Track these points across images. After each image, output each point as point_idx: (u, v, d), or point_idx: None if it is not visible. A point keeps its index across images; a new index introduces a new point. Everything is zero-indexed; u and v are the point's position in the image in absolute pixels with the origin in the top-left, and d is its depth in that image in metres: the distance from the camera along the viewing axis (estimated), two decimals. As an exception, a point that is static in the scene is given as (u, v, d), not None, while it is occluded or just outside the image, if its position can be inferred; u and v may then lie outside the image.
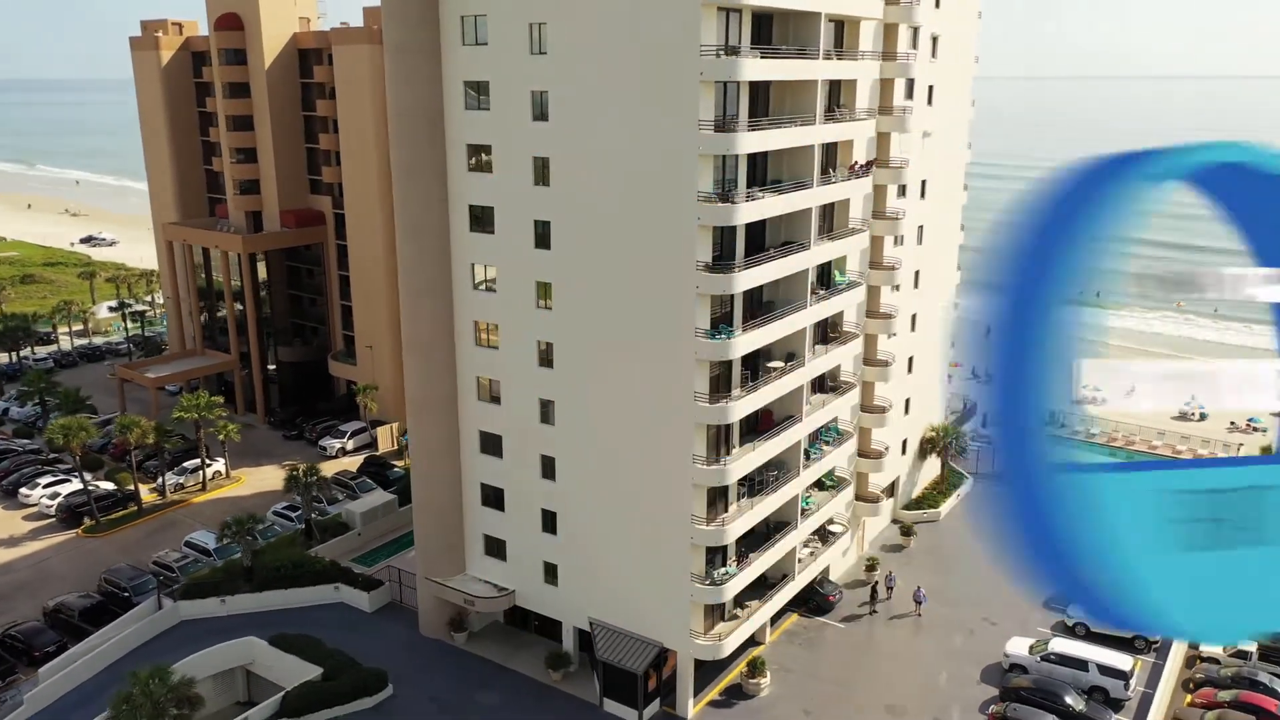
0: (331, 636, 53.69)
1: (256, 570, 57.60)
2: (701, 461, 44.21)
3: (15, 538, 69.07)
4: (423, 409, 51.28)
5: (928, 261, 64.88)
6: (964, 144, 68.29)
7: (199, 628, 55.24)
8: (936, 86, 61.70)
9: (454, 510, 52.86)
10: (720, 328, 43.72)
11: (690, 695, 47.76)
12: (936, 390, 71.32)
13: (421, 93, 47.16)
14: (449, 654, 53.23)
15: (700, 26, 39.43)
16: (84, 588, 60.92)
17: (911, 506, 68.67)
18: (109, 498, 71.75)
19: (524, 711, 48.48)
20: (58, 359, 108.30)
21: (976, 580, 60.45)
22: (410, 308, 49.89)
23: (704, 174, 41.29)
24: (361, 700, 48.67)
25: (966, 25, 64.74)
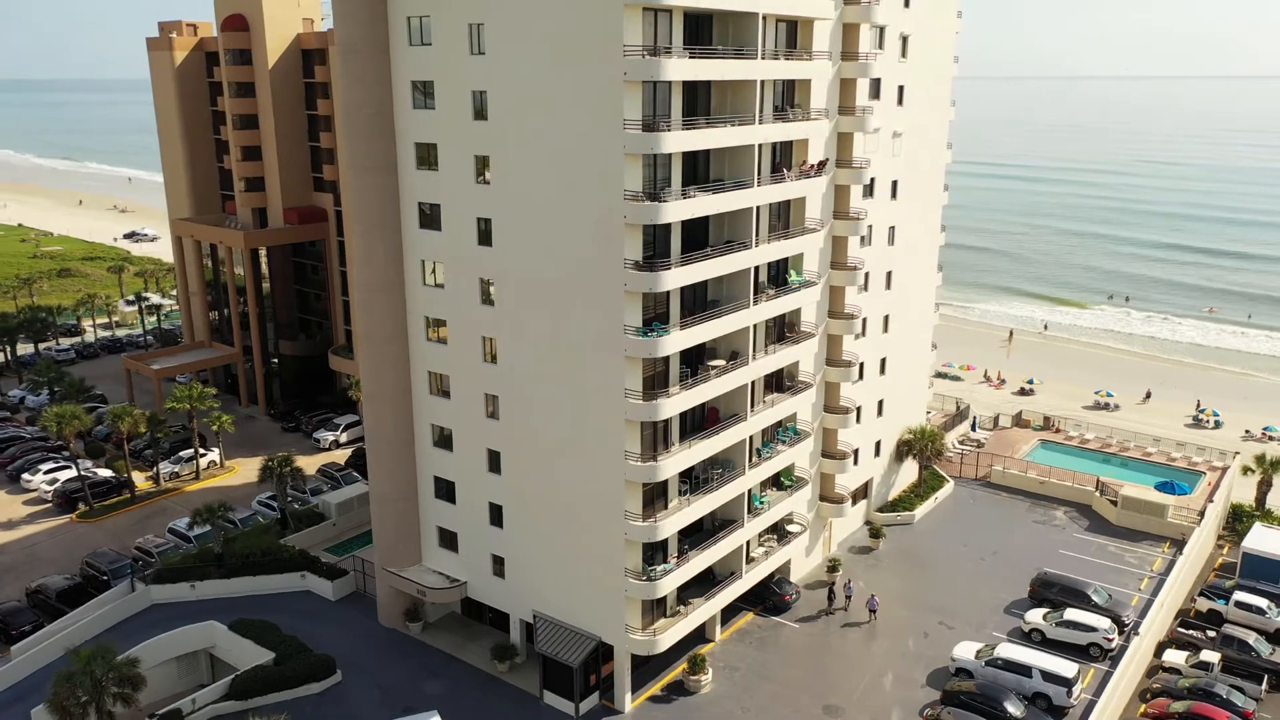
0: (292, 623, 55.01)
1: (227, 557, 59.15)
2: (635, 458, 44.56)
3: (12, 521, 71.62)
4: (378, 401, 52.32)
5: (901, 263, 64.46)
6: (943, 144, 67.67)
7: (169, 611, 56.86)
8: (907, 86, 61.28)
9: (409, 502, 53.85)
10: (654, 325, 44.04)
11: (628, 689, 48.15)
12: (916, 393, 70.74)
13: (372, 91, 48.16)
14: (403, 643, 54.21)
15: (623, 27, 39.78)
16: (69, 570, 63.08)
17: (886, 509, 68.26)
18: (104, 484, 74.08)
19: (468, 701, 49.22)
20: (80, 350, 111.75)
21: (940, 584, 60.17)
22: (364, 302, 50.93)
23: (631, 172, 41.63)
24: (309, 685, 49.83)
25: (942, 25, 64.17)
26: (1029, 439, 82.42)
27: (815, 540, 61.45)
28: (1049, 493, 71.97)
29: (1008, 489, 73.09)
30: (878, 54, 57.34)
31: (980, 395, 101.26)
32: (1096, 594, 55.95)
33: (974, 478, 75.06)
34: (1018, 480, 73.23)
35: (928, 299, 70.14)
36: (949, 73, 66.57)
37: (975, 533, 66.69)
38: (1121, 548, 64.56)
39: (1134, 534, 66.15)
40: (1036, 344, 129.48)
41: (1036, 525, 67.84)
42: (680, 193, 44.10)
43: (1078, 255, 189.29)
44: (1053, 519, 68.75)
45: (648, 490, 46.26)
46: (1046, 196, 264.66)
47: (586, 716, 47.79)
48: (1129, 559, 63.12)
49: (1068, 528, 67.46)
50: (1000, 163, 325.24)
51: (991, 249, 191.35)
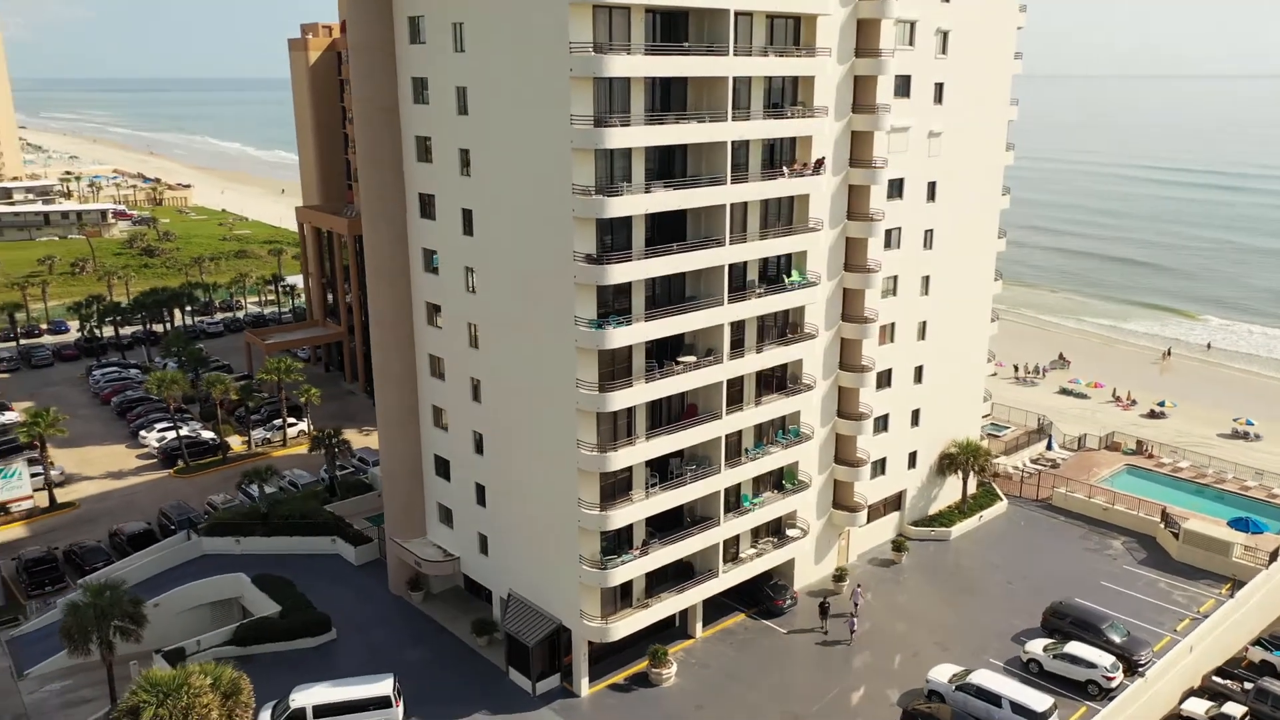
0: (313, 582, 59.20)
1: (271, 517, 64.19)
2: (589, 448, 45.46)
3: (122, 472, 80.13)
4: (387, 381, 55.49)
5: (941, 268, 61.88)
6: (999, 144, 64.31)
7: (215, 561, 62.37)
8: (948, 84, 58.81)
9: (415, 477, 56.80)
10: (611, 318, 44.77)
11: (584, 674, 49.10)
12: (965, 405, 67.56)
13: (380, 87, 51.20)
14: (403, 611, 57.24)
15: (569, 25, 40.71)
16: (149, 518, 70.12)
17: (923, 523, 65.75)
18: (202, 444, 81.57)
19: (441, 670, 51.57)
20: (228, 325, 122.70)
21: (952, 604, 57.69)
22: (374, 287, 54.15)
23: (582, 167, 42.50)
24: (305, 640, 53.60)
25: (996, 20, 61.02)
26: (1114, 462, 76.99)
27: (828, 548, 60.12)
28: (1113, 520, 67.14)
29: (1068, 513, 68.71)
30: (906, 50, 55.44)
31: (1103, 415, 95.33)
32: (1113, 629, 52.13)
33: (1035, 498, 70.98)
34: (1081, 505, 68.70)
35: (981, 307, 66.84)
36: (1007, 70, 63.17)
37: (1013, 555, 63.25)
38: (1172, 584, 59.59)
39: (1193, 571, 60.86)
40: (1195, 366, 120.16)
41: (1087, 553, 63.55)
42: (643, 187, 44.62)
43: (1256, 273, 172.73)
44: (1107, 548, 64.18)
45: (610, 480, 47.03)
46: (1219, 206, 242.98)
47: (544, 696, 49.07)
48: (1177, 597, 58.21)
49: (1120, 559, 62.83)
50: (1171, 166, 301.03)
51: (1153, 263, 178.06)
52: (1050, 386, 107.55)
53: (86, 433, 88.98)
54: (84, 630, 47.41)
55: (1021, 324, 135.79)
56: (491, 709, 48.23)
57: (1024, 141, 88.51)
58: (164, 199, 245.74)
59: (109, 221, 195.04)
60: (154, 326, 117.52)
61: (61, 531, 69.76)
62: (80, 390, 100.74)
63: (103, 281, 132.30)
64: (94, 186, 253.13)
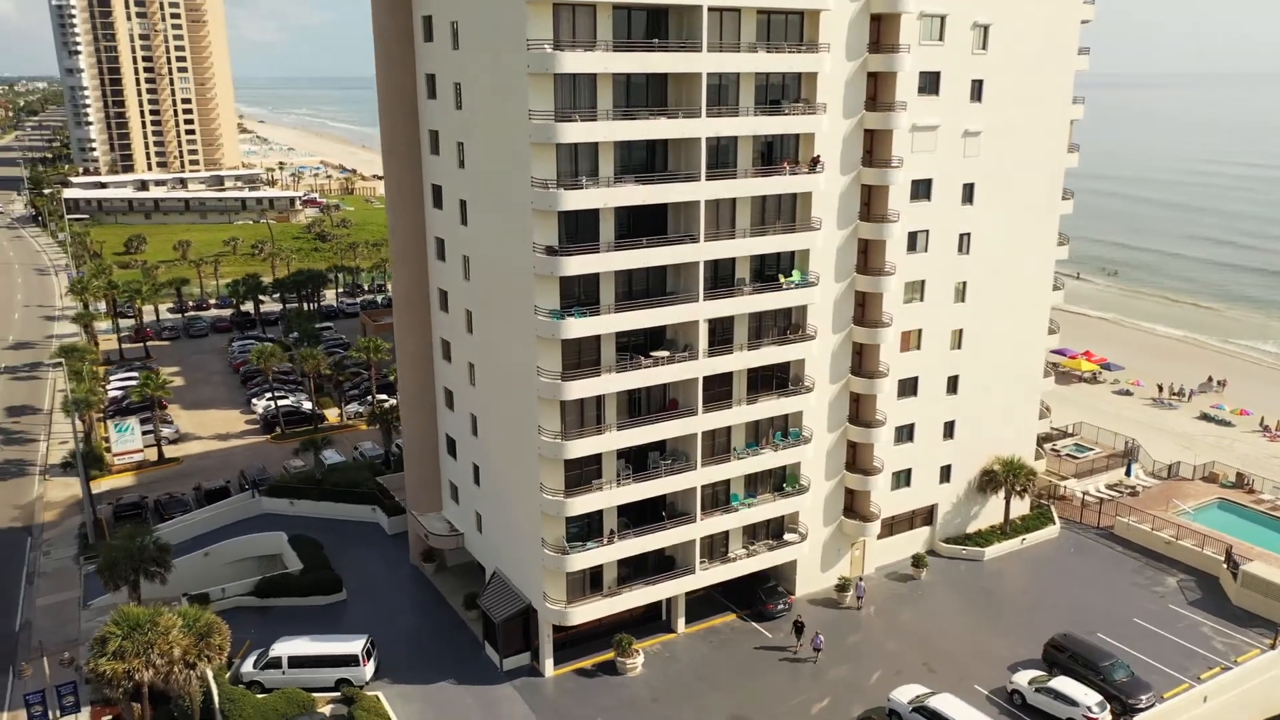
0: (345, 546, 63.48)
1: (325, 484, 69.02)
2: (550, 435, 46.68)
3: (228, 435, 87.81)
4: (406, 361, 58.62)
5: (982, 275, 58.90)
6: (1058, 146, 60.35)
7: (270, 520, 67.75)
8: (989, 81, 55.91)
9: (431, 453, 59.71)
10: (575, 310, 45.77)
11: (548, 655, 50.38)
12: (1013, 420, 63.81)
13: (401, 82, 54.15)
14: (416, 580, 60.37)
15: (526, 23, 41.97)
16: (233, 478, 76.71)
17: (960, 540, 62.84)
18: (300, 414, 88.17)
19: (429, 638, 54.18)
20: (364, 305, 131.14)
21: (958, 627, 55.25)
22: (396, 270, 57.33)
23: (542, 161, 43.64)
24: (316, 597, 57.61)
25: (1051, 15, 57.30)
26: (1205, 494, 70.64)
27: (837, 556, 58.61)
28: (1175, 555, 61.84)
29: (1128, 544, 63.79)
30: (933, 45, 53.22)
31: (1243, 446, 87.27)
32: (1116, 669, 48.42)
33: (1096, 526, 66.25)
34: (1143, 536, 63.61)
35: (1034, 319, 62.97)
36: (1068, 66, 59.17)
37: (1047, 583, 59.51)
38: (1218, 629, 54.44)
39: (1248, 618, 55.38)
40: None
41: (1132, 588, 58.92)
42: (611, 182, 45.32)
43: None
44: (1158, 585, 59.24)
45: (577, 468, 48.03)
46: None
47: (512, 673, 50.70)
48: (1216, 643, 53.17)
49: (1169, 597, 57.88)
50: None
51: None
52: (1192, 411, 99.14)
53: (212, 397, 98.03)
54: (115, 570, 52.90)
55: (1173, 341, 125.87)
56: (459, 679, 50.35)
57: (1199, 144, 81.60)
58: (355, 188, 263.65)
59: (296, 208, 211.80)
60: (302, 305, 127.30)
61: (161, 483, 77.34)
62: (219, 359, 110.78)
63: (267, 262, 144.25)
64: (295, 176, 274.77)
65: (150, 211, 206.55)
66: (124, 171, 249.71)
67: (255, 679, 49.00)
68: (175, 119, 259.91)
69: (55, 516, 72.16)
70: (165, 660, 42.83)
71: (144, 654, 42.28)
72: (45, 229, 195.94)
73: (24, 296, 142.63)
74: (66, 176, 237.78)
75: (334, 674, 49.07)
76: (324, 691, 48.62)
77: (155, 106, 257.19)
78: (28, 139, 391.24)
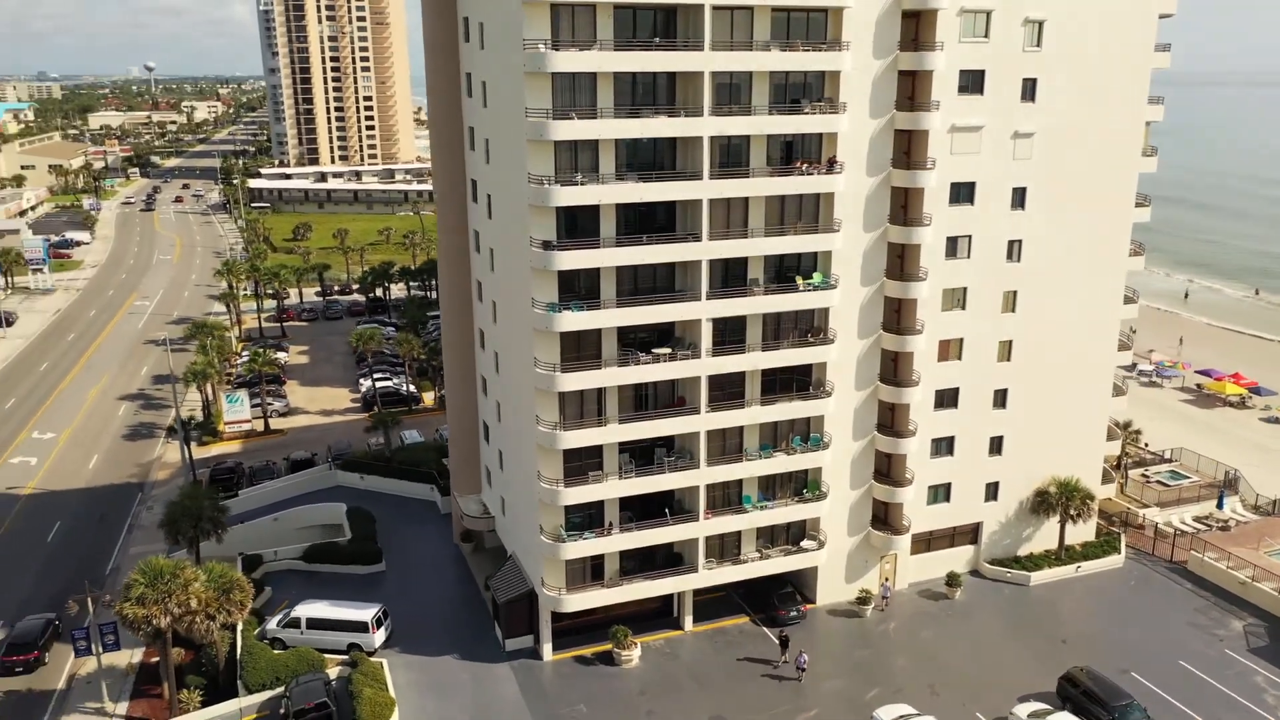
0: (398, 520, 67.07)
1: (393, 461, 72.86)
2: (546, 425, 47.89)
3: (332, 411, 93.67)
4: (451, 349, 61.19)
5: (1035, 284, 55.88)
6: (1131, 149, 56.32)
7: (341, 491, 72.18)
8: (1044, 80, 52.96)
9: (472, 437, 62.08)
10: (573, 304, 46.78)
11: (547, 640, 51.60)
12: (1075, 439, 60.00)
13: (447, 79, 56.58)
14: (453, 558, 62.95)
15: (523, 23, 43.21)
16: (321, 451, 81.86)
17: (1007, 563, 59.87)
18: (397, 395, 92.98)
19: (446, 613, 56.52)
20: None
21: (979, 652, 52.96)
22: (441, 261, 59.93)
23: (540, 158, 44.80)
24: (357, 566, 61.06)
25: (1124, 8, 53.58)
26: (1311, 535, 64.28)
27: (863, 567, 57.06)
28: (1250, 597, 56.79)
29: (1200, 581, 58.98)
30: (976, 42, 50.97)
31: None
32: (1131, 710, 45.19)
33: (1168, 559, 61.51)
34: (1217, 574, 58.66)
35: (1102, 333, 59.00)
36: (1144, 64, 55.13)
37: (1093, 614, 55.91)
38: (1272, 680, 49.75)
39: (1314, 672, 50.31)
40: None
41: (1189, 628, 54.53)
42: (613, 179, 46.03)
43: None
44: (1221, 627, 54.55)
45: (576, 460, 49.01)
46: None
47: (513, 654, 52.25)
48: (1268, 698, 48.59)
49: (1229, 641, 53.23)
50: None
51: None
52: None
53: (329, 376, 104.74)
54: (175, 527, 57.92)
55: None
56: (463, 654, 52.37)
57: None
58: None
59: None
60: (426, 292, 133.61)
61: (263, 452, 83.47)
62: (345, 341, 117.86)
63: (408, 250, 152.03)
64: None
65: (323, 201, 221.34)
66: (310, 164, 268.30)
67: (277, 636, 52.62)
68: (357, 115, 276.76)
69: (166, 475, 79.22)
70: (182, 609, 46.80)
71: (163, 602, 46.26)
72: (231, 216, 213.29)
73: (197, 276, 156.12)
74: (257, 168, 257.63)
75: (346, 638, 52.08)
76: (336, 653, 51.66)
77: (340, 103, 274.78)
78: (240, 133, 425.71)
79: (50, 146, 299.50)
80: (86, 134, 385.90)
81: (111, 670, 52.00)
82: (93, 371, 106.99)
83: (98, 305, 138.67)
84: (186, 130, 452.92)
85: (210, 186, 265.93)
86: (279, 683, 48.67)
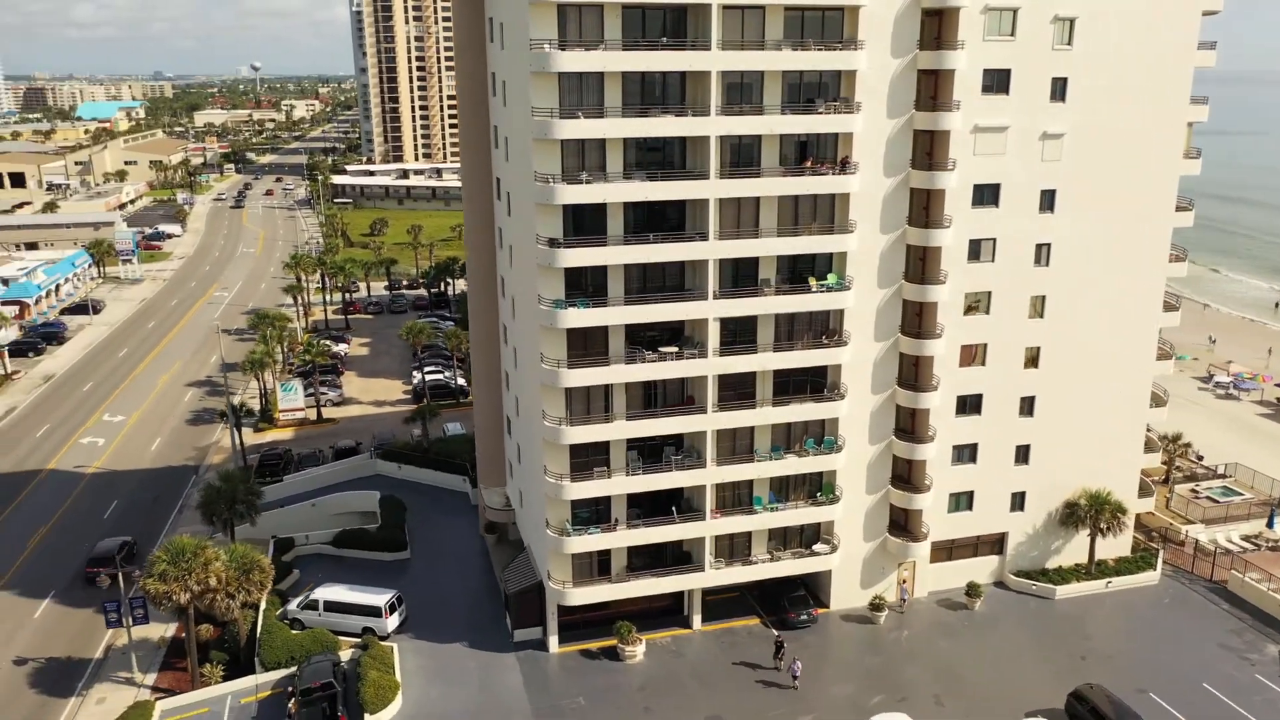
0: (429, 510, 68.67)
1: (430, 452, 74.53)
2: (552, 420, 48.53)
3: (383, 402, 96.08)
4: (478, 344, 62.32)
5: (1066, 288, 54.32)
6: (1172, 151, 54.26)
7: (379, 480, 74.15)
8: (1075, 79, 51.44)
9: (497, 432, 63.13)
10: (578, 301, 47.31)
11: (553, 632, 52.27)
12: (1111, 450, 58.06)
13: (473, 82, 57.69)
14: (474, 548, 64.10)
15: (529, 24, 43.84)
16: (382, 438, 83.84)
17: (1035, 575, 58.33)
18: (447, 388, 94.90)
19: (463, 602, 57.59)
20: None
21: (991, 665, 51.93)
22: (470, 259, 61.10)
23: (546, 157, 45.39)
24: (384, 553, 62.68)
25: (1159, 6, 51.66)
26: (1367, 559, 61.04)
27: (879, 574, 56.25)
28: (1291, 622, 54.29)
29: (1240, 602, 56.57)
30: (1000, 40, 49.80)
31: None
32: (1138, 731, 43.73)
33: (1208, 578, 59.11)
34: (1258, 596, 56.19)
35: (1139, 342, 56.96)
36: (1185, 63, 53.03)
37: (1119, 632, 54.16)
38: (1302, 709, 47.50)
39: (1349, 702, 47.85)
40: None
41: (1220, 650, 52.36)
42: (621, 178, 46.41)
43: None
44: (1255, 651, 52.27)
45: (583, 455, 49.52)
46: None
47: (521, 644, 53.04)
48: (1294, 725, 46.47)
49: (1262, 666, 50.97)
50: None
51: None
52: None
53: (386, 368, 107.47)
54: (211, 509, 60.29)
55: None
56: (472, 643, 53.38)
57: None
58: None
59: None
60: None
61: (314, 440, 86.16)
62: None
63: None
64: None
65: (403, 198, 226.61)
66: (394, 161, 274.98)
67: (297, 617, 54.42)
68: (441, 113, 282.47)
69: (221, 459, 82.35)
70: (202, 587, 48.83)
71: (183, 579, 48.34)
72: (314, 211, 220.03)
73: (275, 269, 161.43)
74: (344, 164, 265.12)
75: (361, 622, 53.59)
76: (351, 636, 53.19)
77: (424, 102, 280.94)
78: (333, 131, 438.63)
79: (152, 143, 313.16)
80: (191, 131, 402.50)
81: (145, 643, 54.51)
82: (166, 358, 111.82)
83: (180, 295, 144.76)
84: (284, 128, 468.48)
85: (299, 182, 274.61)
86: (293, 662, 50.39)
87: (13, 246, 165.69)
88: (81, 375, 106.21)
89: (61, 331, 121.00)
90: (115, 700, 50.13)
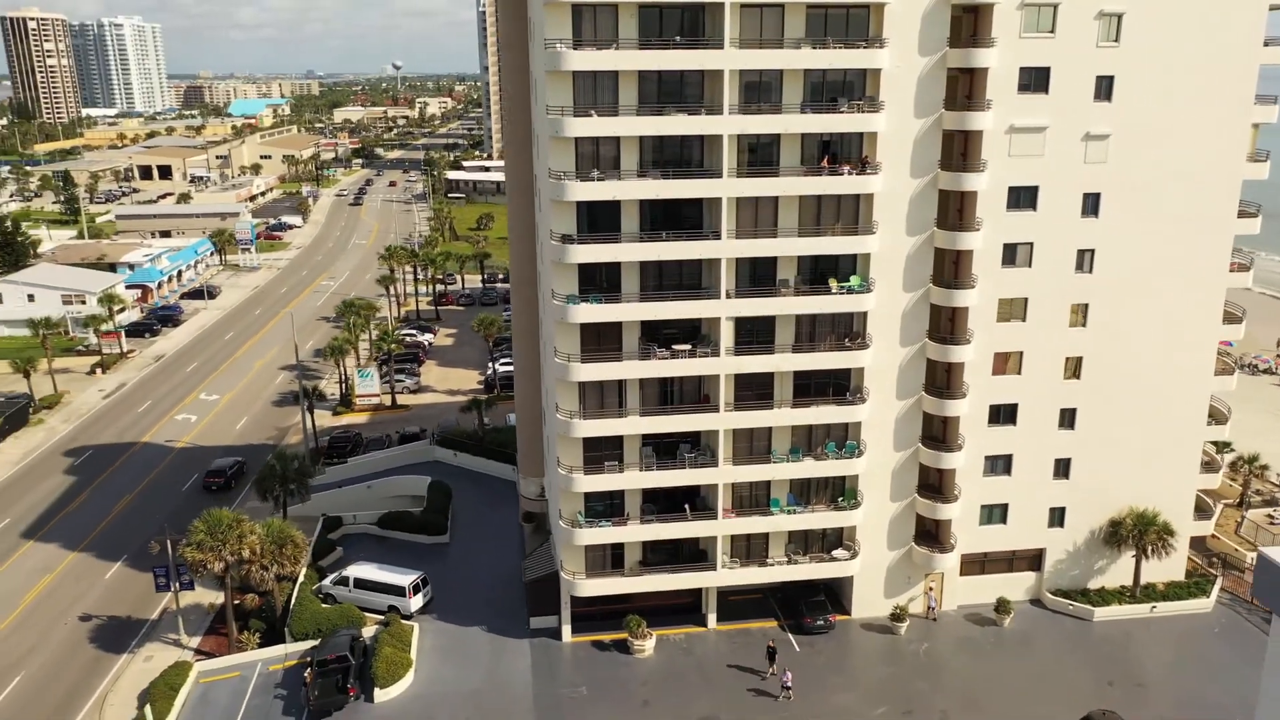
0: (476, 497, 70.58)
1: (483, 441, 76.56)
2: (565, 414, 49.39)
3: (457, 391, 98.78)
4: (519, 337, 63.71)
5: (1112, 297, 51.94)
6: (1234, 153, 51.11)
7: (435, 466, 76.62)
8: (1122, 77, 49.11)
9: (536, 423, 64.40)
10: (591, 296, 48.00)
11: (566, 622, 53.15)
12: (1166, 469, 55.11)
13: (515, 79, 58.98)
14: (512, 536, 65.51)
15: (544, 23, 44.72)
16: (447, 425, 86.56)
17: (1069, 594, 56.00)
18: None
19: (491, 588, 59.02)
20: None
21: (1009, 686, 50.42)
22: (512, 253, 62.52)
23: (560, 154, 46.21)
24: (424, 536, 64.82)
25: (1219, 3, 48.75)
26: None
27: (904, 583, 55.00)
28: (1350, 661, 50.33)
29: (1296, 636, 52.84)
30: (1039, 37, 47.98)
31: None
32: (1147, 764, 41.63)
33: (1268, 609, 55.40)
34: (1318, 631, 52.35)
35: (1197, 356, 53.88)
36: (1248, 60, 49.82)
37: (1156, 660, 51.51)
38: (1342, 755, 44.07)
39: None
40: None
41: (1265, 686, 49.11)
42: (635, 176, 46.89)
43: None
44: (1303, 689, 48.79)
45: (595, 449, 50.23)
46: None
47: (537, 632, 54.12)
48: (1331, 770, 43.17)
49: (1307, 705, 47.56)
50: None
51: None
52: None
53: (466, 358, 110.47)
54: (265, 486, 63.63)
55: None
56: (490, 627, 54.80)
57: None
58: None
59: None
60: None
61: (386, 425, 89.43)
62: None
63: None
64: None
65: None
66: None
67: (329, 592, 56.92)
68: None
69: (298, 439, 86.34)
70: (236, 557, 51.70)
71: (218, 549, 51.30)
72: (429, 204, 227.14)
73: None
74: (462, 160, 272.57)
75: (387, 600, 55.67)
76: (377, 613, 55.32)
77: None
78: (460, 128, 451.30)
79: (287, 138, 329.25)
80: (329, 127, 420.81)
81: (196, 608, 58.07)
82: (266, 343, 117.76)
83: (290, 283, 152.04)
84: (414, 124, 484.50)
85: (420, 177, 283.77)
86: (320, 634, 52.79)
87: (148, 234, 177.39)
88: (189, 356, 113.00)
89: (178, 314, 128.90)
90: (161, 659, 53.54)
